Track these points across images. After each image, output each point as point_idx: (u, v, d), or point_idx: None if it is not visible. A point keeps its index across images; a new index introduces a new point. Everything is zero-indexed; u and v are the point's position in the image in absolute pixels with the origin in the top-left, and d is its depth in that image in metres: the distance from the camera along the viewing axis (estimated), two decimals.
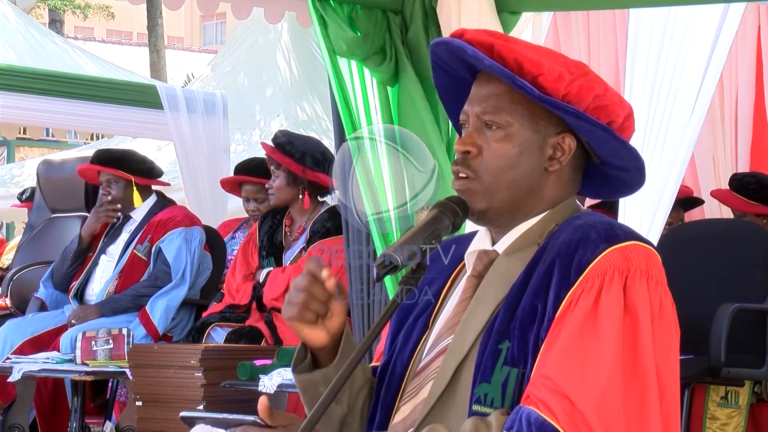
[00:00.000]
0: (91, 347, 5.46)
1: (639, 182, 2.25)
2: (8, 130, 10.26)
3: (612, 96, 2.17)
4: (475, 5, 4.45)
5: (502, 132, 2.15)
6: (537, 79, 2.13)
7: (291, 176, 5.88)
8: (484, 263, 2.21)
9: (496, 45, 2.15)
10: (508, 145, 2.15)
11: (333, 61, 4.53)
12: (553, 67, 2.13)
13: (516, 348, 2.07)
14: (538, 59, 2.14)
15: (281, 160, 5.84)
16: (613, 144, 2.16)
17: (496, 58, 2.14)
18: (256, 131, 11.68)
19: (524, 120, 2.15)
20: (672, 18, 4.17)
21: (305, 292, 2.13)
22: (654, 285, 2.08)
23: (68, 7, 25.06)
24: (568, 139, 2.17)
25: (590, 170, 2.23)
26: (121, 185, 6.29)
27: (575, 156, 2.18)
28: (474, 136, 2.17)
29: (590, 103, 2.14)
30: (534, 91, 2.11)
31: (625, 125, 2.19)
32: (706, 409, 5.23)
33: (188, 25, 41.83)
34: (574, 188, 2.22)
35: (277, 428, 2.04)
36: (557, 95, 2.13)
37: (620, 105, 2.18)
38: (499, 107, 2.16)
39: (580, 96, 2.14)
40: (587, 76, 2.16)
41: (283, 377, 4.71)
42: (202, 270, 6.35)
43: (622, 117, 2.18)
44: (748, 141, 6.75)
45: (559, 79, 2.13)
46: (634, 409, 2.00)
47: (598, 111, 2.15)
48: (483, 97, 2.18)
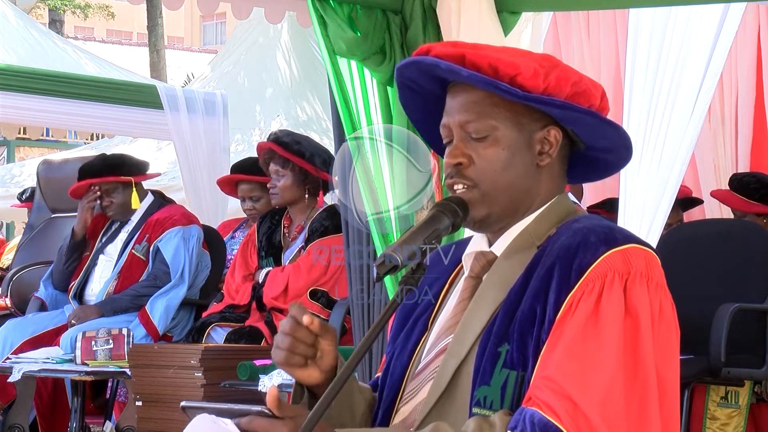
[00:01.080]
0: (91, 347, 5.46)
1: (626, 158, 2.26)
2: (8, 130, 10.25)
3: (585, 80, 2.19)
4: (475, 5, 4.45)
5: (489, 138, 2.16)
6: (515, 80, 2.13)
7: (300, 176, 5.86)
8: (481, 264, 2.21)
9: (467, 55, 2.15)
10: (498, 149, 2.16)
11: (333, 62, 4.53)
12: (527, 64, 2.14)
13: (515, 351, 2.07)
14: (511, 60, 2.14)
15: (293, 159, 5.83)
16: (601, 127, 2.18)
17: (470, 67, 2.14)
18: (256, 131, 11.67)
19: (507, 121, 2.16)
20: (672, 18, 4.17)
21: (290, 337, 2.12)
22: (654, 287, 2.08)
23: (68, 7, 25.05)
24: (554, 131, 2.18)
25: (575, 157, 2.24)
26: (120, 190, 6.29)
27: (561, 146, 2.19)
28: (461, 146, 2.18)
29: (569, 92, 2.16)
30: (517, 92, 2.12)
31: (602, 105, 2.21)
32: (706, 409, 5.23)
33: (188, 25, 41.83)
34: (563, 181, 2.23)
35: (284, 419, 2.03)
36: (537, 91, 2.14)
37: (594, 87, 2.20)
38: (481, 113, 2.16)
39: (560, 87, 2.15)
40: (558, 66, 2.17)
41: (283, 377, 4.71)
42: (201, 268, 6.35)
43: (598, 99, 2.19)
44: (749, 141, 6.75)
45: (536, 75, 2.13)
46: (636, 409, 2.01)
47: (578, 97, 2.16)
48: (462, 106, 2.18)
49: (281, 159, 5.87)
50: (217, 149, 8.18)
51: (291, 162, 5.85)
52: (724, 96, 6.69)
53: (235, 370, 4.88)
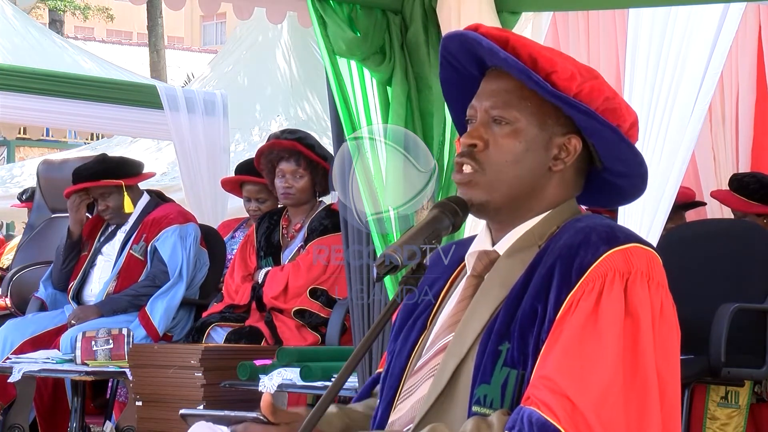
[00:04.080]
0: (91, 347, 5.46)
1: (639, 190, 2.26)
2: (8, 130, 10.25)
3: (621, 101, 2.19)
4: (475, 5, 4.45)
5: (509, 128, 2.16)
6: (550, 76, 2.14)
7: (317, 177, 5.84)
8: (484, 263, 2.21)
9: (511, 39, 2.16)
10: (515, 141, 2.16)
11: (332, 62, 4.52)
12: (565, 66, 2.15)
13: (516, 350, 2.07)
14: (551, 57, 2.15)
15: (319, 161, 5.81)
16: (620, 146, 2.17)
17: (510, 53, 2.14)
18: (255, 131, 11.68)
19: (532, 117, 2.16)
20: (672, 18, 4.16)
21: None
22: (655, 287, 2.08)
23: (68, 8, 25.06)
24: (575, 140, 2.17)
25: (590, 176, 2.24)
26: (114, 194, 6.29)
27: (579, 159, 2.19)
28: (481, 130, 2.18)
29: (600, 104, 2.15)
30: (547, 86, 2.12)
31: (630, 132, 2.20)
32: (706, 409, 5.23)
33: (188, 25, 41.85)
34: (575, 190, 2.22)
35: (280, 425, 2.04)
36: (569, 93, 2.14)
37: (627, 111, 2.20)
38: (509, 103, 2.16)
39: (592, 96, 2.15)
40: (597, 79, 2.17)
41: (283, 377, 4.71)
42: (199, 266, 6.34)
43: (628, 123, 2.19)
44: (749, 141, 6.74)
45: (572, 78, 2.14)
46: (635, 410, 2.01)
47: (608, 113, 2.16)
48: (492, 92, 2.19)
49: (305, 160, 5.83)
50: (216, 149, 8.18)
51: (314, 163, 5.82)
52: (724, 96, 6.68)
53: (235, 370, 4.88)
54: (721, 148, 6.75)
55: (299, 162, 5.84)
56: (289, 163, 5.84)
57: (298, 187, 5.84)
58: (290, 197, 5.87)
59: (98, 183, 6.26)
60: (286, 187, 5.85)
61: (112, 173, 6.28)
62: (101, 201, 6.29)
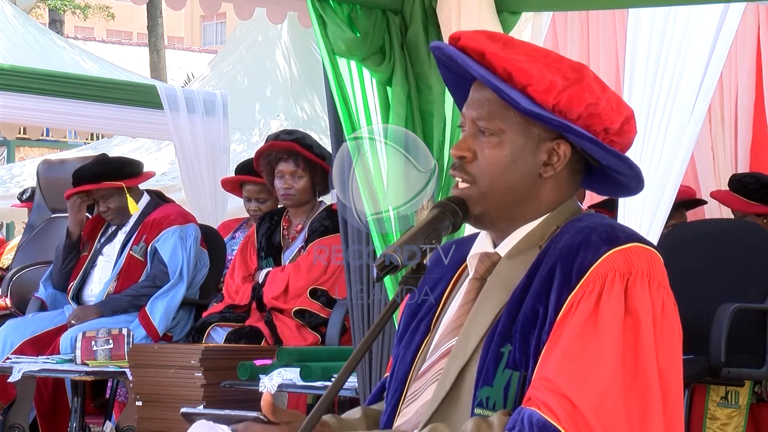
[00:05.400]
0: (91, 347, 5.46)
1: (638, 186, 2.25)
2: (8, 130, 10.25)
3: (608, 101, 2.16)
4: (475, 5, 4.45)
5: (495, 139, 2.16)
6: (526, 89, 2.12)
7: (318, 177, 5.84)
8: (486, 266, 2.21)
9: (487, 53, 2.14)
10: (501, 152, 2.16)
11: (332, 62, 4.52)
12: (543, 76, 2.12)
13: (518, 351, 2.07)
14: (528, 69, 2.12)
15: (318, 161, 5.81)
16: (603, 154, 2.16)
17: (486, 66, 2.14)
18: (255, 131, 11.68)
19: (517, 126, 2.15)
20: (672, 18, 4.16)
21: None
22: (656, 286, 2.08)
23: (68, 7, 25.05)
24: (563, 145, 2.17)
25: (593, 169, 2.23)
26: (115, 195, 6.28)
27: (572, 160, 2.18)
28: (469, 141, 2.18)
29: (582, 112, 2.13)
30: (519, 104, 2.11)
31: (623, 129, 2.18)
32: (706, 409, 5.23)
33: (188, 25, 41.85)
34: (573, 190, 2.22)
35: (280, 425, 2.04)
36: (547, 105, 2.12)
37: (617, 110, 2.17)
38: (493, 113, 2.16)
39: (571, 106, 2.13)
40: (581, 83, 2.14)
41: (283, 377, 4.71)
42: (199, 267, 6.34)
43: (618, 122, 2.17)
44: (748, 141, 6.74)
45: (549, 89, 2.12)
46: (636, 410, 2.01)
47: (592, 118, 2.14)
48: (478, 101, 2.18)
49: (303, 160, 5.83)
50: (216, 149, 8.18)
51: (313, 163, 5.82)
52: (724, 96, 6.68)
53: (235, 370, 4.88)
54: (721, 148, 6.75)
55: (298, 162, 5.83)
56: (287, 163, 5.84)
57: (298, 187, 5.84)
58: (290, 198, 5.87)
59: (99, 185, 6.26)
60: (285, 188, 5.85)
61: (112, 174, 6.28)
62: (102, 203, 6.29)
